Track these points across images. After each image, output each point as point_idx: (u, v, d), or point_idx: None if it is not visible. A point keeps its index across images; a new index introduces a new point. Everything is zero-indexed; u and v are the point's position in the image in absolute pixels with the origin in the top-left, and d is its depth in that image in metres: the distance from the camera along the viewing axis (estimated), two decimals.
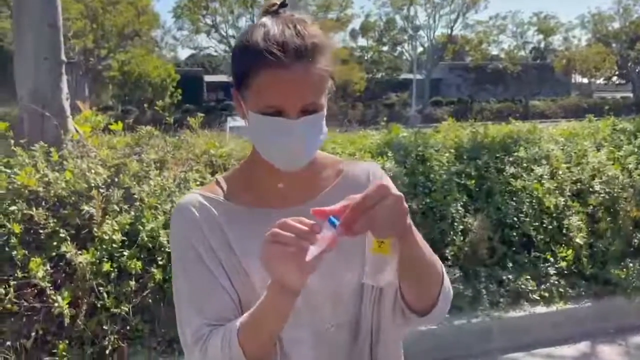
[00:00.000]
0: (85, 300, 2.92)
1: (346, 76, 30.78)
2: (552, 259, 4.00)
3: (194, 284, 0.97)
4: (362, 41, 41.48)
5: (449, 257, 3.78)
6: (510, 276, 3.84)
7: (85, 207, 3.10)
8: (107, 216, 3.14)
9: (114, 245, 3.04)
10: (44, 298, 2.86)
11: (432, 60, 38.80)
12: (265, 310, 0.88)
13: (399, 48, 42.79)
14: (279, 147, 0.94)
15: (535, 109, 32.66)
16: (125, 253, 3.05)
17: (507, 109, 30.35)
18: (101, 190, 3.22)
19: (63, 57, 4.19)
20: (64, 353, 2.76)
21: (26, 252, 2.92)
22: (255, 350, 0.90)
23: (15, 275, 2.85)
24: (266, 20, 0.96)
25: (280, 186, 1.02)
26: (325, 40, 0.95)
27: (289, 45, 0.90)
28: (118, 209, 3.19)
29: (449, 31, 39.57)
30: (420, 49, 40.96)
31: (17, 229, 2.94)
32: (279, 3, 0.98)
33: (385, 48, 40.93)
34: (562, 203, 4.26)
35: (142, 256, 3.10)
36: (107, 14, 26.42)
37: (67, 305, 2.81)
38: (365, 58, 38.93)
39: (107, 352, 2.84)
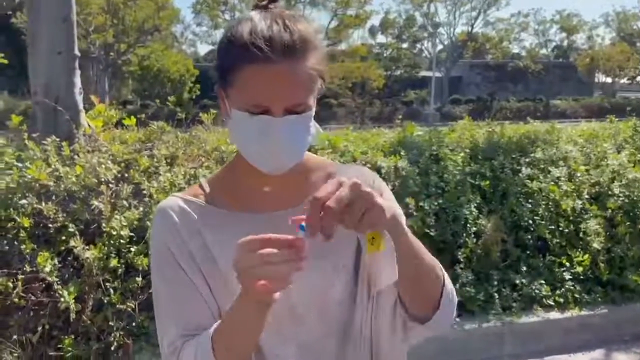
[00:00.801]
0: (92, 296, 2.91)
1: (364, 73, 30.69)
2: (567, 264, 3.90)
3: (172, 291, 0.94)
4: (381, 38, 41.41)
5: (461, 260, 3.70)
6: (523, 280, 3.75)
7: (95, 202, 3.09)
8: (115, 211, 3.13)
9: (122, 241, 3.03)
10: (51, 293, 2.86)
11: (451, 57, 38.46)
12: (240, 323, 0.84)
13: (418, 45, 42.62)
14: (261, 147, 0.89)
15: (557, 108, 32.14)
16: (133, 249, 3.04)
17: (527, 108, 29.96)
18: (111, 186, 3.21)
19: (77, 52, 4.19)
20: (69, 348, 2.76)
21: (35, 246, 2.92)
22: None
23: (24, 269, 2.85)
24: (254, 14, 0.90)
25: (266, 189, 0.97)
26: (316, 38, 0.90)
27: (276, 40, 0.85)
28: (127, 205, 3.18)
29: (470, 29, 39.23)
30: (440, 47, 40.67)
31: (26, 223, 2.95)
32: None
33: (404, 45, 40.75)
34: (580, 206, 4.15)
35: (149, 252, 3.08)
36: (127, 9, 26.67)
37: (73, 300, 2.80)
38: (384, 55, 38.76)
39: (113, 348, 2.83)
